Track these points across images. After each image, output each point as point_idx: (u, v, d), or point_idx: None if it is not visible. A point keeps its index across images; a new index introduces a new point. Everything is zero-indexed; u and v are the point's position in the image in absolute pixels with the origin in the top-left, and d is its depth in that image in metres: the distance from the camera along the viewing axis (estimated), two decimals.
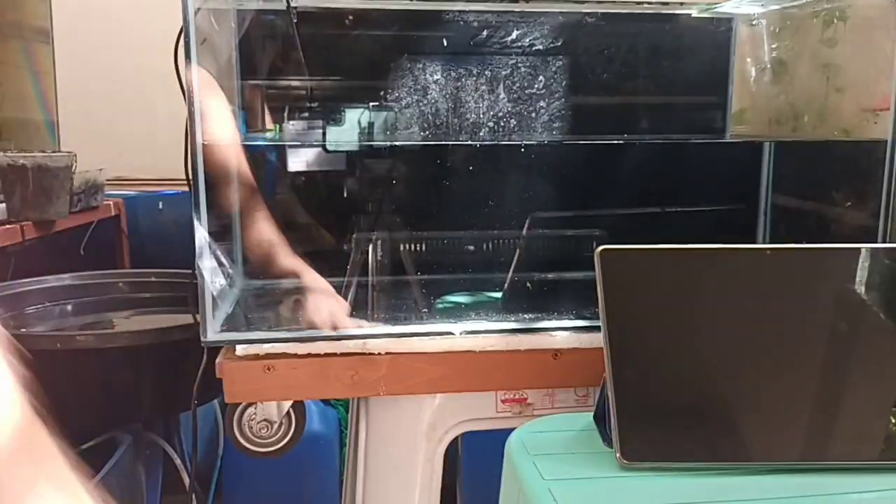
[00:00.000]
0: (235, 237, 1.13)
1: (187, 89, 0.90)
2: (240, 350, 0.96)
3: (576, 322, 0.98)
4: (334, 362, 0.94)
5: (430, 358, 0.94)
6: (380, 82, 1.12)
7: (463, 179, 1.19)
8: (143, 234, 2.03)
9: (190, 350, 1.23)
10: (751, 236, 1.25)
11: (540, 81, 1.11)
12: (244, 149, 1.09)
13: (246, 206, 1.09)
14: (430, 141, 1.13)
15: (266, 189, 1.16)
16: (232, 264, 1.12)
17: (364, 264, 1.17)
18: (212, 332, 0.96)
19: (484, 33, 1.12)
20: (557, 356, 0.95)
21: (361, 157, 1.20)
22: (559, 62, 1.12)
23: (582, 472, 0.67)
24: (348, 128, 1.12)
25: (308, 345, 0.95)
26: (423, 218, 1.23)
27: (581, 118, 1.16)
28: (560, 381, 0.96)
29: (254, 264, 1.13)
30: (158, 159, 2.21)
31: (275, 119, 1.22)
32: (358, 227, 1.22)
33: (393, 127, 1.13)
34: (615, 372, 0.69)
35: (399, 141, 1.15)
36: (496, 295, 1.14)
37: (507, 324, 0.99)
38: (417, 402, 0.99)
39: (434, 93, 1.11)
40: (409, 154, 1.22)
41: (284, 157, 1.19)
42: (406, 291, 1.18)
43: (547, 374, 0.95)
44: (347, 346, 0.94)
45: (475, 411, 0.99)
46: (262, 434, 1.05)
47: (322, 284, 1.05)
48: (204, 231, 0.93)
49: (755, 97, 1.28)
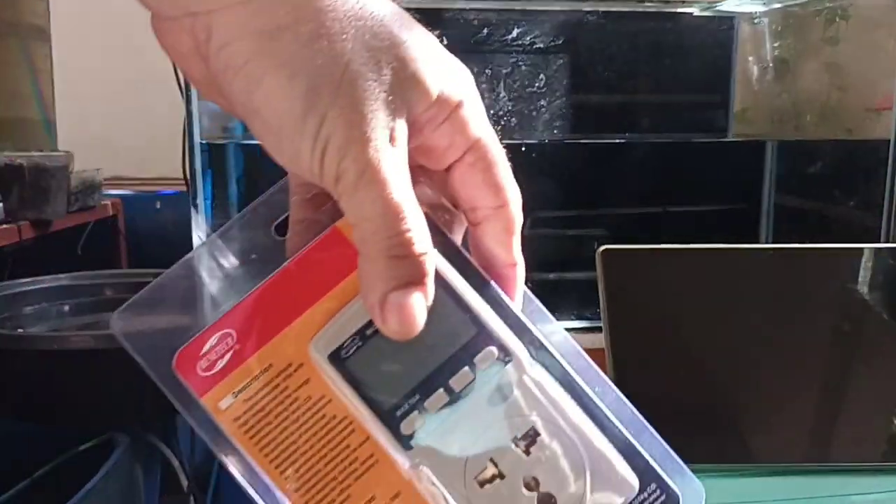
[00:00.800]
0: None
1: (185, 88, 0.90)
2: None
3: (577, 323, 0.97)
4: None
5: None
6: None
7: None
8: (141, 234, 2.02)
9: None
10: (753, 236, 1.24)
11: (541, 80, 1.10)
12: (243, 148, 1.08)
13: None
14: None
15: None
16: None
17: None
18: None
19: (484, 31, 1.12)
20: None
21: None
22: (560, 61, 1.12)
23: None
24: None
25: None
26: None
27: (582, 117, 1.16)
28: None
29: None
30: (156, 159, 2.21)
31: None
32: None
33: None
34: (616, 373, 0.69)
35: None
36: None
37: None
38: None
39: None
40: None
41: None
42: None
43: None
44: None
45: None
46: None
47: None
48: (202, 230, 0.92)
49: (757, 96, 1.28)
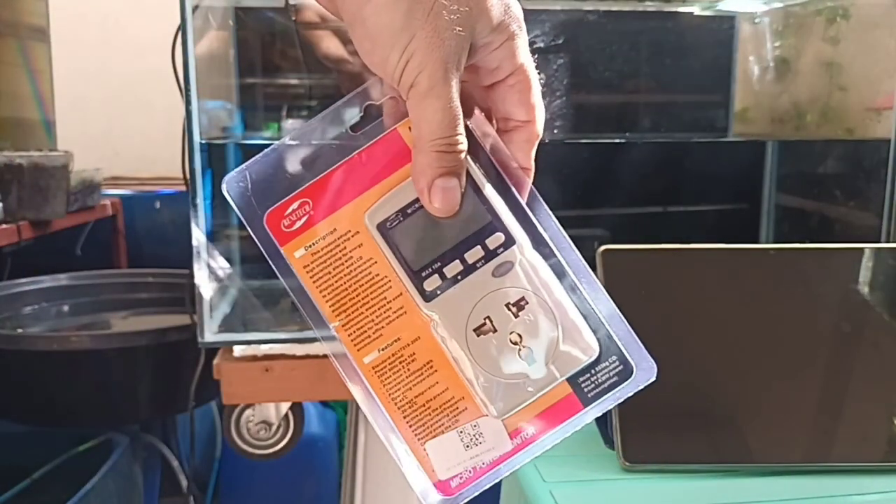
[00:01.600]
0: (234, 236, 1.13)
1: (184, 88, 0.89)
2: (237, 351, 0.96)
3: None
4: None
5: None
6: None
7: None
8: (140, 234, 2.02)
9: (187, 351, 1.22)
10: (753, 236, 1.24)
11: (541, 79, 1.10)
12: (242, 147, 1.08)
13: None
14: None
15: None
16: (230, 264, 1.11)
17: None
18: (209, 333, 0.95)
19: None
20: None
21: None
22: (561, 60, 1.12)
23: (583, 475, 0.66)
24: None
25: (306, 346, 0.94)
26: None
27: (582, 116, 1.16)
28: None
29: None
30: (156, 158, 2.21)
31: (274, 118, 1.21)
32: None
33: None
34: None
35: None
36: None
37: None
38: None
39: None
40: None
41: None
42: None
43: None
44: None
45: None
46: (261, 436, 1.04)
47: None
48: (201, 231, 0.92)
49: (758, 96, 1.27)
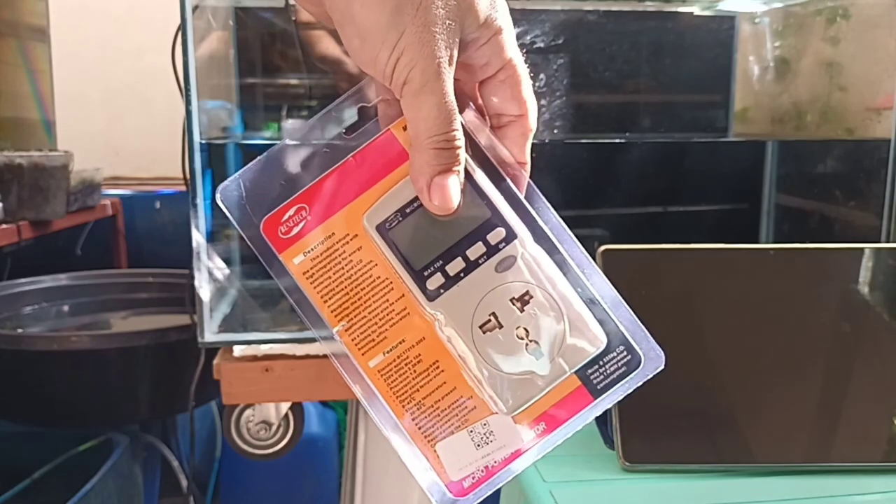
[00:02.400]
0: (234, 236, 1.13)
1: (184, 88, 0.89)
2: (237, 351, 0.96)
3: None
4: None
5: None
6: None
7: None
8: (141, 234, 2.02)
9: (187, 351, 1.22)
10: (753, 236, 1.24)
11: (541, 79, 1.10)
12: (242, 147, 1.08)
13: None
14: None
15: None
16: (230, 264, 1.11)
17: None
18: (209, 333, 0.95)
19: None
20: None
21: None
22: (560, 60, 1.11)
23: (583, 475, 0.66)
24: None
25: (306, 346, 0.94)
26: None
27: (582, 116, 1.16)
28: None
29: None
30: (155, 158, 2.21)
31: (274, 118, 1.21)
32: None
33: None
34: None
35: None
36: None
37: None
38: None
39: None
40: None
41: None
42: None
43: None
44: None
45: None
46: (260, 436, 1.04)
47: None
48: (201, 231, 0.92)
49: (758, 96, 1.27)
